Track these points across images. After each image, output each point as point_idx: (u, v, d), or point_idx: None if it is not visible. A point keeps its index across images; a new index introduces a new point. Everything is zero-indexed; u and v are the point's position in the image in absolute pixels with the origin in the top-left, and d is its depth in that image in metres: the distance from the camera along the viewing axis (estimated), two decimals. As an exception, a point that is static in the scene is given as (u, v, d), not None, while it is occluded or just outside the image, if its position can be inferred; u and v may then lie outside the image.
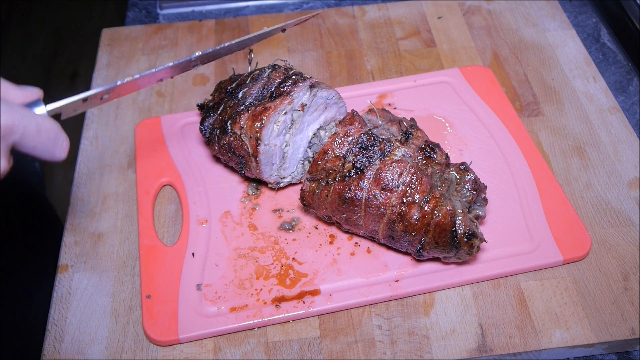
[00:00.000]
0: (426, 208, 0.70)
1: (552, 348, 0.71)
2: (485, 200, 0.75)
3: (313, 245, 0.80)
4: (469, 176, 0.73)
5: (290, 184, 0.86)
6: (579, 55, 1.04)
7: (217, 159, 0.90)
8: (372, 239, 0.78)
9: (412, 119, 0.79)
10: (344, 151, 0.74)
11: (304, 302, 0.74)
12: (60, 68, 2.51)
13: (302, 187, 0.78)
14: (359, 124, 0.75)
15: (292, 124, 0.80)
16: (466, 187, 0.73)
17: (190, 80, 1.04)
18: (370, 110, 0.78)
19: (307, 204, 0.78)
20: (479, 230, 0.72)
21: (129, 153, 0.93)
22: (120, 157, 0.93)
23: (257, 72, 0.84)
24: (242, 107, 0.80)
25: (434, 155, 0.74)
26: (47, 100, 0.61)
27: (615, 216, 0.83)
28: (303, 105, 0.80)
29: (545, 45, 1.07)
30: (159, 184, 0.88)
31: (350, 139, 0.74)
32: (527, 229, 0.80)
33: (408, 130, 0.74)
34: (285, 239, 0.80)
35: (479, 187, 0.73)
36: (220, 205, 0.84)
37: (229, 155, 0.82)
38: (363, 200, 0.72)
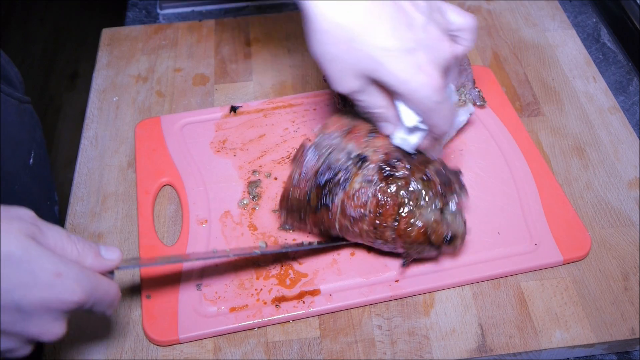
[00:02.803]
0: (399, 227, 0.70)
1: (552, 348, 0.71)
2: (462, 188, 0.72)
3: (313, 245, 0.80)
4: (434, 186, 0.70)
5: None
6: (579, 55, 1.04)
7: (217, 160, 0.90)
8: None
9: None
10: (307, 188, 0.72)
11: (304, 302, 0.74)
12: (60, 68, 2.51)
13: (280, 221, 0.80)
14: (309, 158, 0.72)
15: None
16: (431, 194, 0.70)
17: (190, 80, 1.04)
18: (325, 126, 0.75)
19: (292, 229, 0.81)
20: (459, 225, 0.71)
21: (129, 153, 0.93)
22: (120, 157, 0.93)
23: None
24: None
25: (394, 172, 0.70)
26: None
27: (615, 216, 0.83)
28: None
29: (545, 45, 1.07)
30: (159, 184, 0.88)
31: (306, 176, 0.72)
32: (527, 229, 0.80)
33: (361, 155, 0.71)
34: (285, 239, 0.80)
35: (448, 188, 0.71)
36: (220, 205, 0.84)
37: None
38: (338, 228, 0.73)
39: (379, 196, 0.70)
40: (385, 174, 0.70)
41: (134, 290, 0.78)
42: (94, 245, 0.59)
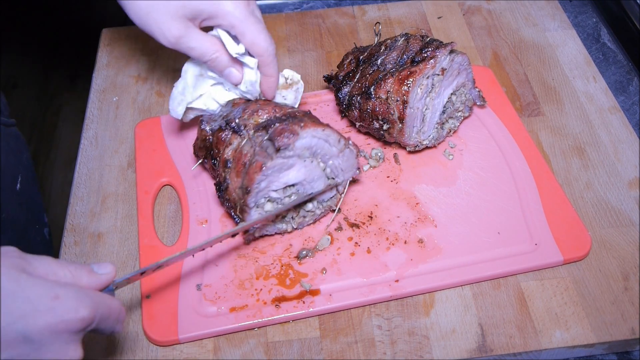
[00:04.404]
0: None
1: (552, 348, 0.71)
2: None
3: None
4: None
5: (427, 147, 0.89)
6: (579, 55, 1.04)
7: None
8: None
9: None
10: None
11: (304, 302, 0.74)
12: (60, 68, 2.50)
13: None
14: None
15: (432, 88, 0.84)
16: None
17: (190, 80, 1.03)
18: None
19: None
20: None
21: (129, 153, 0.93)
22: (120, 157, 0.93)
23: (389, 41, 0.89)
24: (383, 73, 0.84)
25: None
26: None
27: (615, 216, 0.83)
28: (443, 70, 0.83)
29: (545, 45, 1.07)
30: (159, 184, 0.88)
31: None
32: (527, 229, 0.80)
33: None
34: (285, 237, 0.80)
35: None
36: (220, 205, 0.84)
37: (370, 120, 0.86)
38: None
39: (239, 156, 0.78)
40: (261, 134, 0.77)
41: (134, 290, 0.78)
42: (85, 265, 0.59)
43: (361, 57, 0.90)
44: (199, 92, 0.85)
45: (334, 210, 0.82)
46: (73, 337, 0.54)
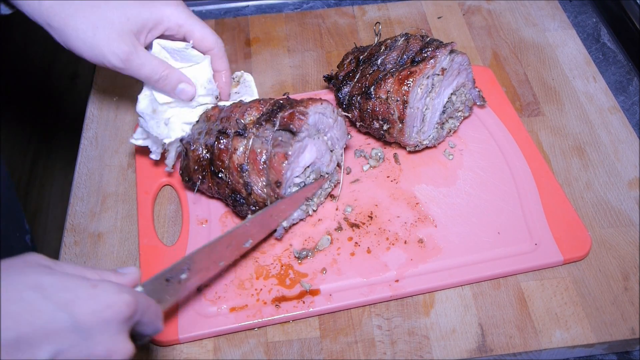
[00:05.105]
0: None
1: (552, 348, 0.71)
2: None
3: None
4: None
5: (427, 147, 0.89)
6: (579, 55, 1.04)
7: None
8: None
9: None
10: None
11: (304, 302, 0.74)
12: (60, 68, 2.50)
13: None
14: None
15: (432, 88, 0.84)
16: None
17: (190, 80, 1.03)
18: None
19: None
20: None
21: (129, 153, 0.93)
22: (120, 157, 0.93)
23: (389, 41, 0.89)
24: (383, 73, 0.85)
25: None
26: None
27: (615, 216, 0.83)
28: (443, 69, 0.83)
29: (545, 45, 1.07)
30: (159, 184, 0.88)
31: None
32: (527, 229, 0.80)
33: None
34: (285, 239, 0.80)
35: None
36: (220, 205, 0.84)
37: (370, 120, 0.86)
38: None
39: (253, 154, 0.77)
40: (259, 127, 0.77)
41: (134, 290, 0.78)
42: (109, 269, 0.58)
43: (361, 57, 0.90)
44: (166, 128, 0.82)
45: (337, 185, 0.85)
46: (122, 326, 0.52)
